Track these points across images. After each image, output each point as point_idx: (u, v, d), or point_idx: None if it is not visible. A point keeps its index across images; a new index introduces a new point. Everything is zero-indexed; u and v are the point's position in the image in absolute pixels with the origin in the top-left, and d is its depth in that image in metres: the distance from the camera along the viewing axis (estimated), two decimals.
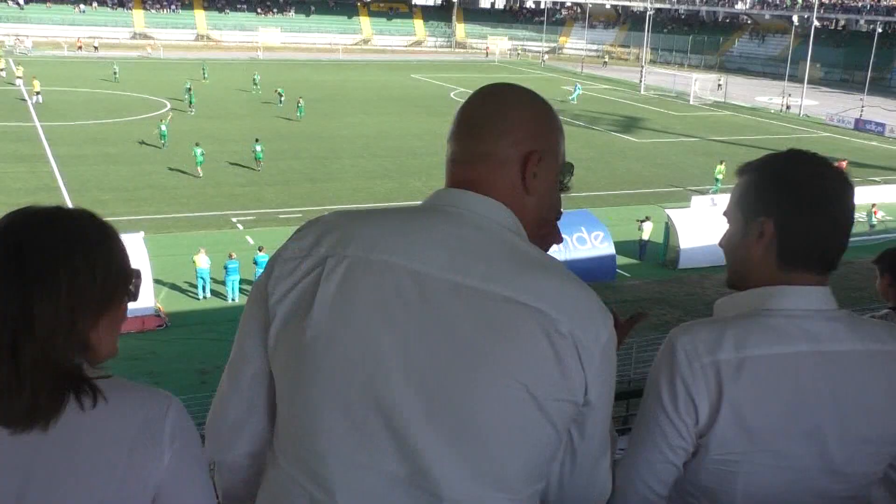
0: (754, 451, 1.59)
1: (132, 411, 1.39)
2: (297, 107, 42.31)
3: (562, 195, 1.62)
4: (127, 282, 1.47)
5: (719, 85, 61.48)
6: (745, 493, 1.63)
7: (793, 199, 1.66)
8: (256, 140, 32.55)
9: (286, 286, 1.43)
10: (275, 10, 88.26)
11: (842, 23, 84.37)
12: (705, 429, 1.59)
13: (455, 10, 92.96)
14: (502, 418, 1.33)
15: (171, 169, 31.27)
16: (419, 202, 1.54)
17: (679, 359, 1.61)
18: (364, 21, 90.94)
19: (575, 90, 54.76)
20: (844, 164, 33.47)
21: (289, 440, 1.43)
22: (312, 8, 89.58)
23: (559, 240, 1.87)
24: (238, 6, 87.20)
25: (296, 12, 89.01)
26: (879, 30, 64.65)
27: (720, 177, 31.68)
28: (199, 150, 30.29)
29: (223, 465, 1.62)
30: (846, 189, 1.67)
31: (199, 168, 30.43)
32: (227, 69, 62.53)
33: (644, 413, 1.67)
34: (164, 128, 35.06)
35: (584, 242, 22.36)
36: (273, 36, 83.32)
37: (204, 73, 56.58)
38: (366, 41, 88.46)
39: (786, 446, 1.59)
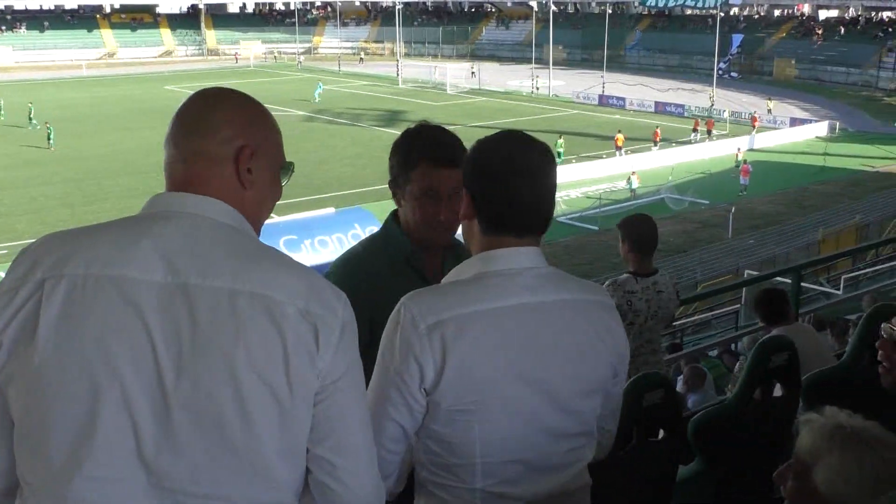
0: (484, 399, 1.72)
1: None
2: (47, 135, 38.80)
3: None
4: None
5: (473, 73, 63.58)
6: (482, 440, 1.74)
7: (481, 173, 1.82)
8: None
9: (7, 318, 1.40)
10: (3, 28, 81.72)
11: (577, 6, 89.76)
12: (433, 386, 1.70)
13: (203, 17, 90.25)
14: (243, 412, 1.37)
15: None
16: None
17: (405, 323, 1.71)
18: (106, 34, 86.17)
19: (317, 88, 54.97)
20: (620, 137, 36.15)
21: (30, 468, 1.41)
22: (46, 23, 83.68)
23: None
24: None
25: (28, 28, 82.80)
26: (609, 11, 69.29)
27: (561, 150, 34.26)
28: None
29: None
30: (533, 163, 1.82)
31: None
32: None
33: (375, 377, 1.76)
34: None
35: (359, 239, 22.43)
36: (4, 55, 77.14)
37: None
38: (111, 55, 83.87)
39: (513, 392, 1.74)
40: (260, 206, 1.59)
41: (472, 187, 1.83)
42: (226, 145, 1.53)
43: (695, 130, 41.04)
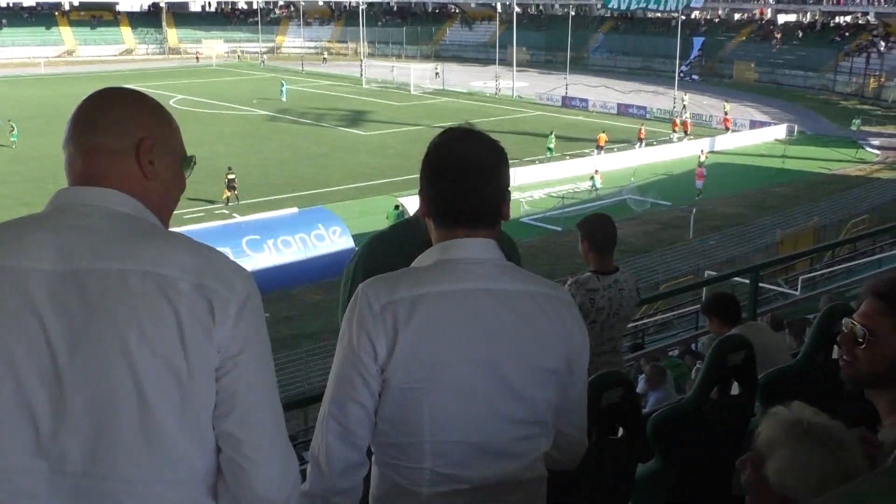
0: (434, 378, 1.76)
1: None
2: (11, 133, 38.22)
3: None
4: None
5: (437, 73, 63.61)
6: (431, 419, 1.77)
7: (429, 168, 1.89)
8: None
9: None
10: None
11: (540, 7, 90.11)
12: (385, 363, 1.74)
13: (164, 15, 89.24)
14: (138, 390, 1.39)
15: None
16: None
17: (360, 304, 1.76)
18: (65, 31, 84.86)
19: (283, 87, 54.80)
20: (603, 137, 36.48)
21: None
22: (4, 21, 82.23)
23: None
24: None
25: None
26: (573, 13, 69.63)
27: (552, 146, 35.45)
28: None
29: None
30: (470, 158, 1.86)
31: None
32: None
33: (335, 362, 1.80)
34: None
35: (322, 239, 22.47)
36: None
37: None
38: (70, 53, 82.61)
39: (463, 373, 1.77)
40: (164, 196, 1.63)
41: (424, 186, 1.90)
42: (124, 138, 1.56)
43: (674, 131, 41.79)
